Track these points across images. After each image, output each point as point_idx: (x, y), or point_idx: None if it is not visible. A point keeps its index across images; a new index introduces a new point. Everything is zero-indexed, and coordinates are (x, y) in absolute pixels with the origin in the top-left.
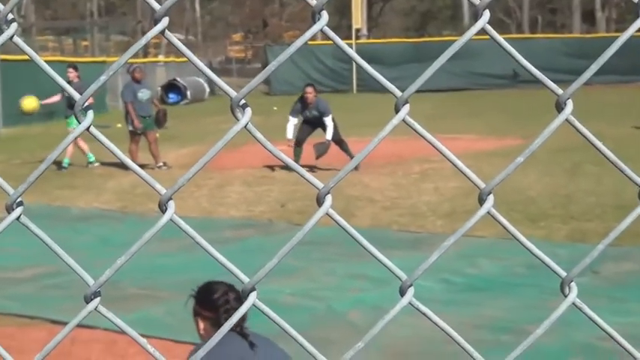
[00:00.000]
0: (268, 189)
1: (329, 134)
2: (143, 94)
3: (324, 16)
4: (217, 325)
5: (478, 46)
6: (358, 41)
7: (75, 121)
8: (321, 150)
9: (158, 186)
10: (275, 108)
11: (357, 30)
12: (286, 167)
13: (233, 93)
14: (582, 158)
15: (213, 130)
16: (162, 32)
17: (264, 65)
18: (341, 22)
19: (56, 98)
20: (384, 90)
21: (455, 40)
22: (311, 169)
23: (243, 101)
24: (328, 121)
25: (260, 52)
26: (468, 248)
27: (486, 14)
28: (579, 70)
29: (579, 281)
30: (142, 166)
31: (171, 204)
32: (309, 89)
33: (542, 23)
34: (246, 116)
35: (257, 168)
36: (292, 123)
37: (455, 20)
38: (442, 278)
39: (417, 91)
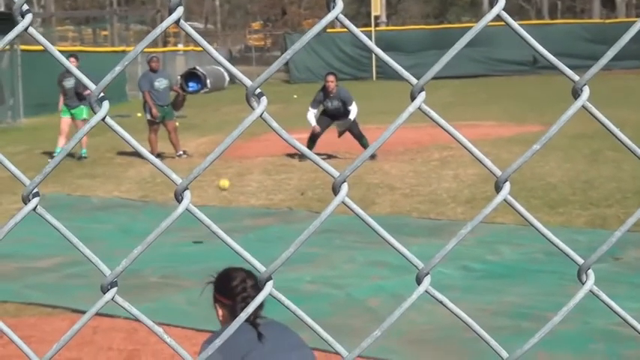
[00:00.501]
0: (288, 177)
1: (353, 114)
2: (160, 83)
3: (339, 3)
4: (234, 312)
5: (497, 32)
6: (377, 28)
7: (85, 111)
8: (344, 126)
9: (174, 176)
10: (295, 96)
11: (376, 17)
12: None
13: (248, 82)
14: (602, 144)
15: (232, 119)
16: (176, 22)
17: (283, 53)
18: (360, 10)
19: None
20: (403, 77)
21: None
22: (329, 156)
23: (258, 90)
24: (352, 107)
25: (279, 40)
26: (488, 235)
27: (502, 1)
28: (599, 55)
29: (600, 267)
30: (160, 155)
31: (187, 194)
32: (331, 77)
33: (561, 9)
34: (261, 105)
35: (277, 156)
36: (312, 113)
37: (474, 6)
38: (462, 265)
39: (436, 78)
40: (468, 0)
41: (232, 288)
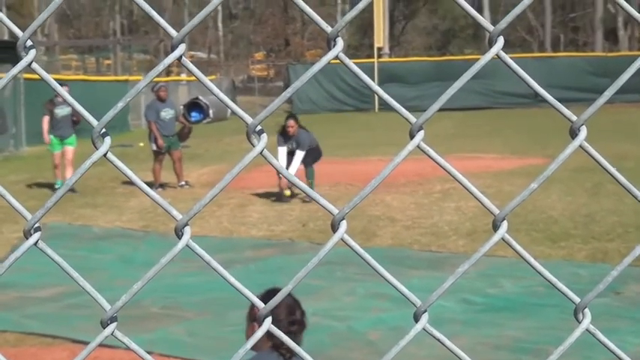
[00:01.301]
0: (290, 208)
1: (293, 167)
2: (166, 113)
3: (339, 43)
4: (272, 337)
5: (500, 65)
6: (380, 60)
7: (73, 140)
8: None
9: (174, 212)
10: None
11: (379, 49)
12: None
13: (249, 119)
14: (603, 177)
15: (234, 150)
16: (178, 59)
17: (287, 84)
18: (363, 41)
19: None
20: (405, 108)
21: (477, 59)
22: (331, 187)
23: (259, 127)
24: (299, 154)
25: (282, 70)
26: (489, 268)
27: (500, 41)
28: (602, 88)
29: (600, 302)
30: (163, 186)
31: (187, 230)
32: (291, 122)
33: (564, 42)
34: (261, 142)
35: (278, 187)
36: (282, 152)
37: (477, 39)
38: (462, 298)
39: (440, 110)
40: (471, 32)
41: (279, 313)
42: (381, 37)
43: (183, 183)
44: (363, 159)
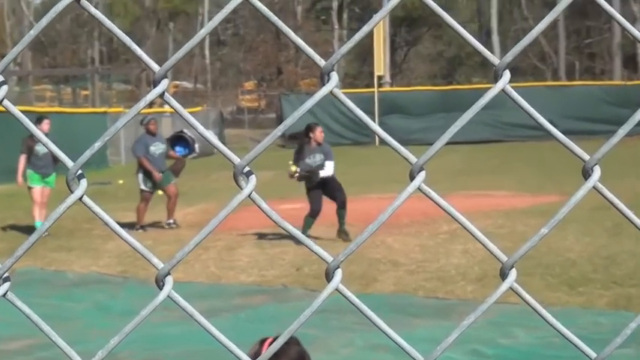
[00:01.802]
0: (282, 251)
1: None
2: (156, 147)
3: (334, 78)
4: None
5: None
6: (381, 89)
7: (53, 180)
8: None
9: (155, 260)
10: (291, 162)
11: (380, 77)
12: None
13: (236, 160)
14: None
15: (222, 187)
16: (161, 95)
17: (279, 116)
18: (362, 69)
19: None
20: (408, 142)
21: (486, 89)
22: (329, 227)
23: (247, 168)
24: (329, 166)
25: (274, 101)
26: (500, 316)
27: (506, 75)
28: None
29: (623, 352)
30: (144, 228)
31: (169, 280)
32: (320, 128)
33: (579, 69)
34: (250, 185)
35: (270, 228)
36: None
37: (485, 67)
38: (471, 349)
39: (447, 143)
40: (479, 60)
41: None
42: (381, 64)
43: (171, 221)
44: (363, 197)
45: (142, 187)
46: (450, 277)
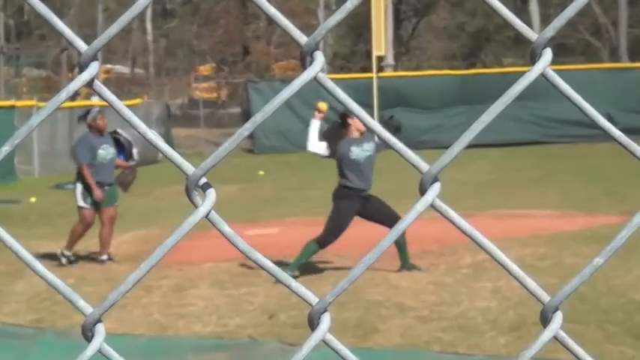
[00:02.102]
0: (250, 292)
1: None
2: (106, 151)
3: (318, 59)
4: None
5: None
6: (381, 74)
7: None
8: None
9: (81, 303)
10: (261, 172)
11: (380, 58)
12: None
13: (189, 168)
14: None
15: (169, 206)
16: (89, 84)
17: (245, 110)
18: (356, 47)
19: None
20: (418, 144)
21: (521, 73)
22: (313, 259)
23: (203, 180)
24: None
25: (239, 90)
26: None
27: (547, 55)
28: None
29: None
30: (71, 260)
31: (100, 329)
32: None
33: None
34: (207, 202)
35: (234, 261)
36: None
37: (520, 44)
38: None
39: (470, 146)
40: (511, 34)
41: None
42: (382, 41)
43: (105, 257)
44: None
45: (80, 202)
46: (476, 325)
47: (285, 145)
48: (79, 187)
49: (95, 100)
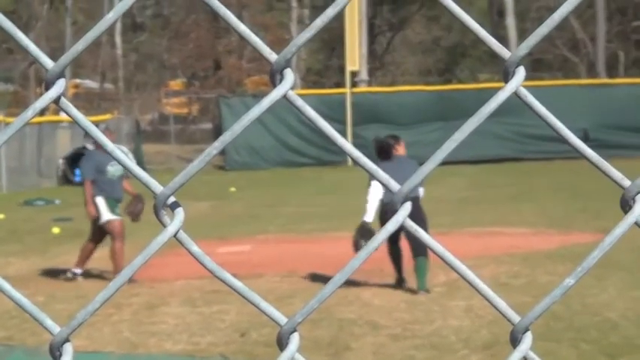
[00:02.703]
0: (221, 310)
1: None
2: (115, 168)
3: (288, 77)
4: None
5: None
6: (355, 90)
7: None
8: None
9: (49, 322)
10: (233, 189)
11: (354, 73)
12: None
13: (157, 187)
14: None
15: (139, 224)
16: (55, 101)
17: (217, 126)
18: (329, 62)
19: None
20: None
21: (497, 89)
22: (283, 277)
23: (172, 199)
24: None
25: (210, 106)
26: None
27: (519, 74)
28: None
29: None
30: (47, 275)
31: (68, 348)
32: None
33: (625, 63)
34: (176, 221)
35: (205, 279)
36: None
37: (496, 58)
38: None
39: (446, 163)
40: (488, 49)
41: None
42: (355, 56)
43: (76, 271)
44: (331, 236)
45: (108, 216)
46: (449, 344)
47: (256, 161)
48: (101, 201)
49: (64, 116)
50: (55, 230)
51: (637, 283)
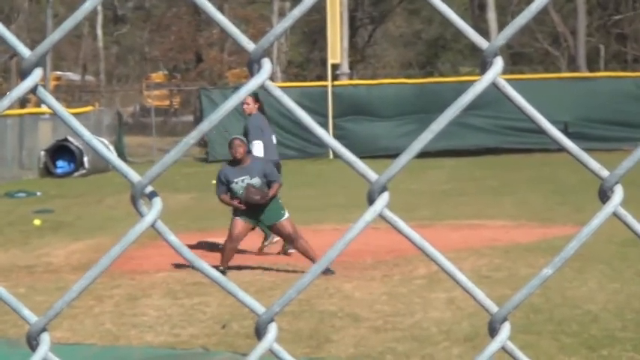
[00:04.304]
0: (203, 302)
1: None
2: (238, 186)
3: (266, 66)
4: None
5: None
6: (336, 83)
7: None
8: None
9: (26, 312)
10: (214, 182)
11: (335, 66)
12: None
13: (135, 177)
14: None
15: (121, 216)
16: (32, 90)
17: (198, 118)
18: (311, 55)
19: None
20: (374, 153)
21: (477, 81)
22: (265, 269)
23: (149, 188)
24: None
25: (192, 98)
26: None
27: (497, 64)
28: None
29: None
30: (27, 268)
31: (45, 338)
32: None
33: (605, 57)
34: (153, 210)
35: (186, 271)
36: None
37: (477, 51)
38: None
39: (426, 155)
40: (469, 43)
41: None
42: (337, 49)
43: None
44: (312, 228)
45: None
46: (430, 336)
47: None
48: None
49: (46, 108)
50: (36, 222)
51: (617, 275)
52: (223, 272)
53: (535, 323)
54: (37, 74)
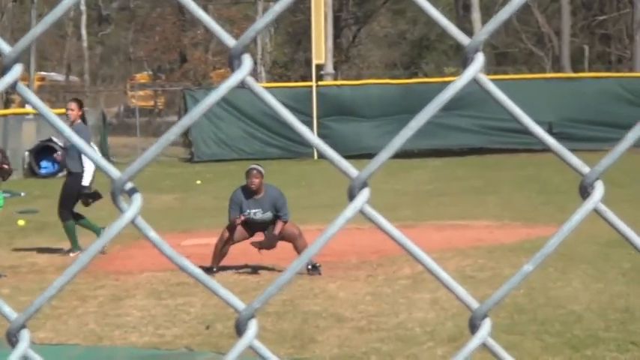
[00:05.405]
0: (187, 302)
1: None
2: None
3: (246, 63)
4: None
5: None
6: (321, 83)
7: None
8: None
9: (6, 309)
10: (198, 182)
11: (319, 67)
12: (224, 266)
13: (115, 174)
14: None
15: (107, 214)
16: (12, 86)
17: (181, 119)
18: (295, 55)
19: None
20: (359, 152)
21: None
22: (253, 269)
23: (130, 185)
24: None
25: (176, 99)
26: None
27: (479, 59)
28: None
29: None
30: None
31: (24, 335)
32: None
33: (589, 57)
34: (133, 207)
35: (170, 271)
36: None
37: (461, 51)
38: None
39: (409, 155)
40: (453, 43)
41: None
42: (321, 49)
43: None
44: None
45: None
46: (414, 336)
47: (223, 152)
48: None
49: (30, 109)
50: (21, 222)
51: (601, 276)
52: (209, 271)
53: (519, 323)
54: (16, 70)
